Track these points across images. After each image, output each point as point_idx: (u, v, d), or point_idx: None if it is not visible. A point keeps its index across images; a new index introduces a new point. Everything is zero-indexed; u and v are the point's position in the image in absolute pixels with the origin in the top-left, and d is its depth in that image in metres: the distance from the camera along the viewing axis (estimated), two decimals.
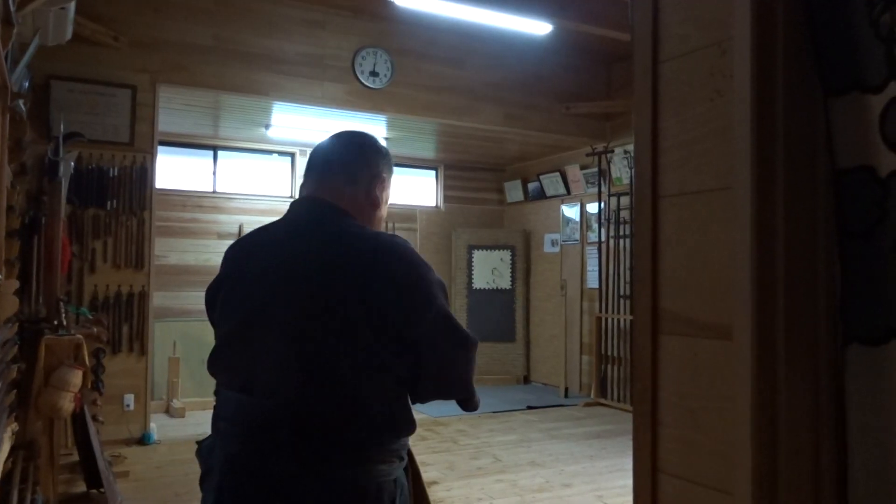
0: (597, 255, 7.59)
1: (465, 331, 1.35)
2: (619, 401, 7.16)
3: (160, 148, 5.96)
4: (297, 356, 1.26)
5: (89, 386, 3.90)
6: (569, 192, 8.19)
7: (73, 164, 4.83)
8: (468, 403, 1.43)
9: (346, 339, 1.25)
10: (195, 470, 1.44)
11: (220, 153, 7.77)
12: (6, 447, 2.78)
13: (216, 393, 1.42)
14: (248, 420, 1.29)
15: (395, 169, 1.55)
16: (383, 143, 1.97)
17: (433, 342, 1.30)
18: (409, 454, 1.44)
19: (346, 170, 1.44)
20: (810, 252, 0.97)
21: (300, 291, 1.29)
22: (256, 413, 1.27)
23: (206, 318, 1.51)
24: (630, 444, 1.17)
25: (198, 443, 1.44)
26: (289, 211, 1.45)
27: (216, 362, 1.41)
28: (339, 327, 1.25)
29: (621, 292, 7.25)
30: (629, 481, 1.18)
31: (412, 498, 1.44)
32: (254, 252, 1.42)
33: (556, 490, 4.43)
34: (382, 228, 1.53)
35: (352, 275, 1.27)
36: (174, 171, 7.50)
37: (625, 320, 7.17)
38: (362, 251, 1.30)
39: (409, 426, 1.33)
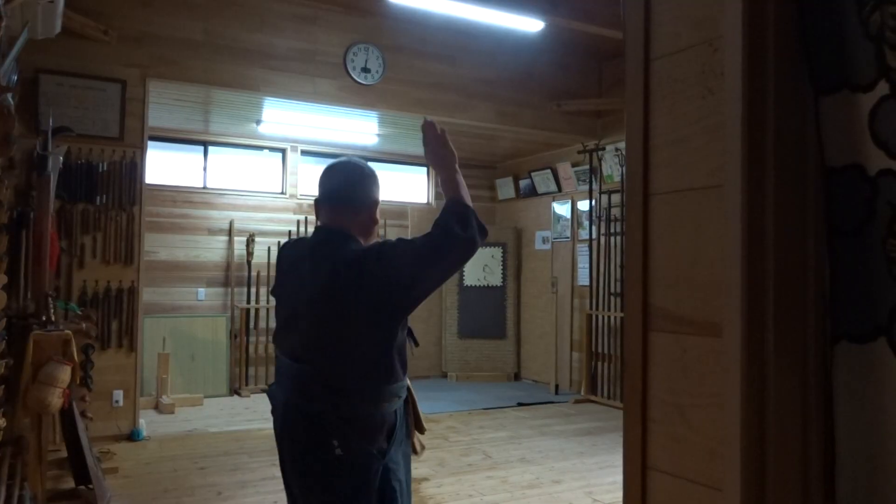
0: (587, 253, 7.60)
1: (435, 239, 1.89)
2: (609, 398, 7.19)
3: (150, 143, 5.93)
4: (319, 338, 1.89)
5: (78, 382, 3.88)
6: (560, 190, 8.20)
7: (61, 158, 4.80)
8: (464, 223, 1.90)
9: (349, 326, 1.85)
10: (184, 466, 1.53)
11: (211, 149, 7.74)
12: None
13: (277, 357, 2.07)
14: (296, 378, 1.93)
15: (387, 166, 2.18)
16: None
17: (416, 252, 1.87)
18: (409, 389, 2.06)
19: (351, 204, 2.00)
20: (800, 250, 0.98)
21: (318, 298, 1.89)
22: (300, 374, 1.92)
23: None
24: (620, 440, 1.18)
25: (269, 385, 2.08)
26: (314, 234, 2.05)
27: (277, 339, 2.05)
28: (343, 319, 1.85)
29: (612, 289, 7.27)
30: (619, 477, 1.19)
31: (410, 419, 2.11)
32: (296, 263, 2.02)
33: (546, 486, 4.44)
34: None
35: (348, 284, 1.85)
36: (164, 166, 7.46)
37: (615, 317, 7.19)
38: (355, 264, 1.87)
39: (400, 377, 1.95)
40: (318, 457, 1.88)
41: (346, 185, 2.01)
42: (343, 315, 1.85)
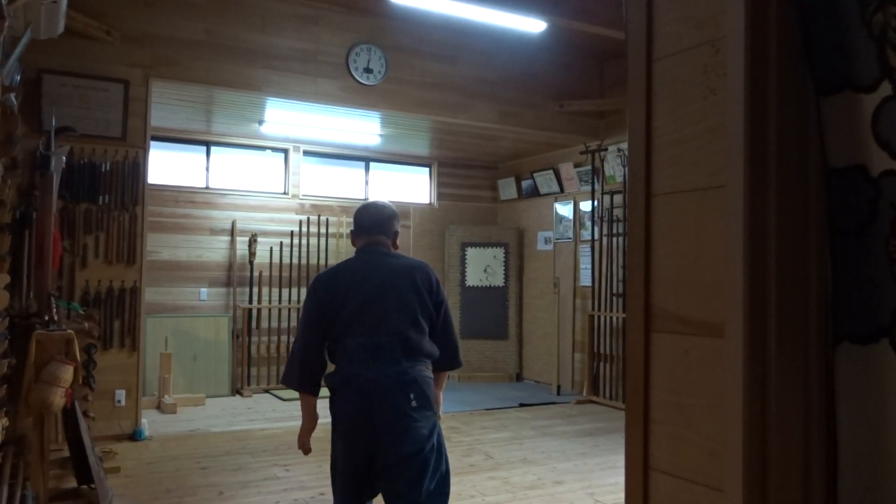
0: (590, 253, 7.60)
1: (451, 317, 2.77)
2: (611, 398, 7.18)
3: (153, 143, 5.94)
4: (401, 316, 2.54)
5: (80, 381, 3.88)
6: (562, 190, 8.19)
7: (64, 158, 4.81)
8: (455, 360, 2.74)
9: (420, 306, 2.59)
10: (186, 466, 1.54)
11: (213, 149, 7.74)
12: None
13: (336, 342, 2.58)
14: (376, 349, 2.50)
15: (389, 166, 2.24)
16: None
17: (445, 315, 2.69)
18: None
19: (383, 231, 2.71)
20: (802, 251, 0.98)
21: (398, 287, 2.58)
22: (381, 345, 2.50)
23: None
24: (622, 441, 1.18)
25: (327, 377, 2.60)
26: (358, 253, 2.72)
27: (353, 326, 2.55)
28: (416, 301, 2.58)
29: (614, 290, 7.27)
30: (621, 478, 1.19)
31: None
32: (351, 274, 2.64)
33: (548, 487, 4.44)
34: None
35: (406, 278, 2.60)
36: (167, 166, 7.47)
37: (617, 318, 7.18)
38: (407, 266, 2.66)
39: (435, 350, 2.64)
40: (398, 408, 2.44)
41: (380, 219, 2.72)
42: (414, 298, 2.56)
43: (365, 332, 2.52)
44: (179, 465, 4.73)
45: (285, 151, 8.04)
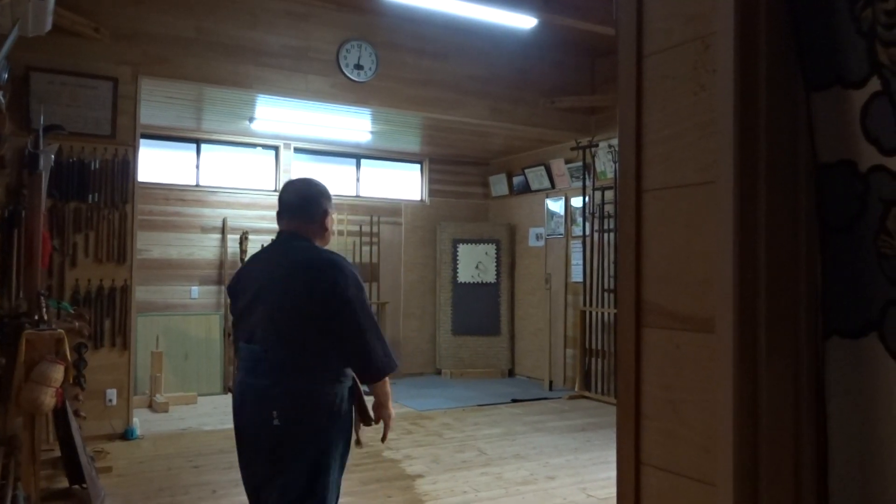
0: (581, 249, 7.61)
1: (372, 320, 2.29)
2: (602, 394, 7.20)
3: (142, 141, 5.91)
4: (272, 323, 2.24)
5: (71, 381, 3.87)
6: (553, 186, 8.20)
7: (53, 156, 4.78)
8: (371, 367, 2.27)
9: (298, 314, 2.22)
10: (178, 465, 1.57)
11: (204, 146, 7.71)
12: None
13: (235, 343, 2.45)
14: (249, 358, 2.28)
15: (380, 163, 2.25)
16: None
17: (347, 320, 2.23)
18: (355, 380, 2.35)
19: (304, 214, 2.39)
20: (792, 246, 0.98)
21: (276, 288, 2.27)
22: (252, 354, 2.27)
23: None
24: (614, 436, 1.18)
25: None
26: (276, 237, 2.43)
27: (236, 326, 2.41)
28: (294, 308, 2.22)
29: (605, 286, 7.29)
30: (613, 473, 1.19)
31: (355, 408, 2.37)
32: (255, 263, 2.45)
33: (540, 483, 4.45)
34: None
35: (303, 278, 2.25)
36: (157, 164, 7.43)
37: (609, 314, 7.20)
38: (311, 263, 2.28)
39: (338, 363, 2.28)
40: (260, 426, 2.22)
41: (299, 200, 2.41)
42: (293, 305, 2.22)
43: (245, 337, 2.32)
44: (172, 463, 4.71)
45: (276, 149, 8.02)
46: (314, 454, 2.22)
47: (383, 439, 2.44)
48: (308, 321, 2.21)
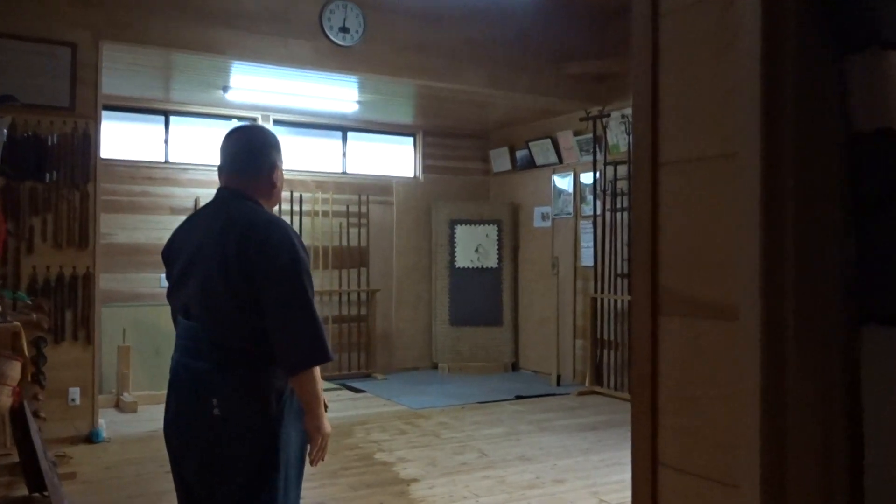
0: (592, 230, 7.62)
1: (306, 295, 2.10)
2: (616, 389, 7.24)
3: (105, 113, 5.88)
4: (205, 295, 2.13)
5: (29, 379, 3.87)
6: (561, 161, 8.19)
7: (5, 131, 4.76)
8: (298, 355, 2.09)
9: (228, 286, 2.09)
10: (148, 470, 1.57)
11: (173, 119, 7.68)
12: None
13: (173, 317, 2.30)
14: (185, 335, 2.20)
15: (369, 136, 2.44)
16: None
17: (272, 288, 2.07)
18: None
19: (248, 168, 2.26)
20: (823, 223, 0.98)
21: (207, 255, 2.14)
22: (189, 331, 2.18)
23: (159, 304, 2.55)
24: (628, 435, 1.19)
25: None
26: (215, 195, 2.30)
27: (170, 296, 2.31)
28: (224, 279, 2.09)
29: (618, 270, 7.30)
30: (627, 476, 1.20)
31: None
32: (189, 226, 2.31)
33: (547, 486, 4.48)
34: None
35: (236, 241, 2.08)
36: (121, 139, 7.41)
37: (622, 301, 7.22)
38: (248, 224, 2.12)
39: (261, 344, 2.10)
40: (196, 416, 2.12)
41: (242, 152, 2.29)
42: (227, 274, 2.08)
43: (181, 311, 2.21)
44: (142, 469, 4.73)
45: (254, 121, 8.00)
46: (260, 455, 2.09)
47: (312, 461, 2.19)
48: (244, 293, 2.07)
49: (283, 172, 2.36)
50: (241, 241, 2.08)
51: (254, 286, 2.07)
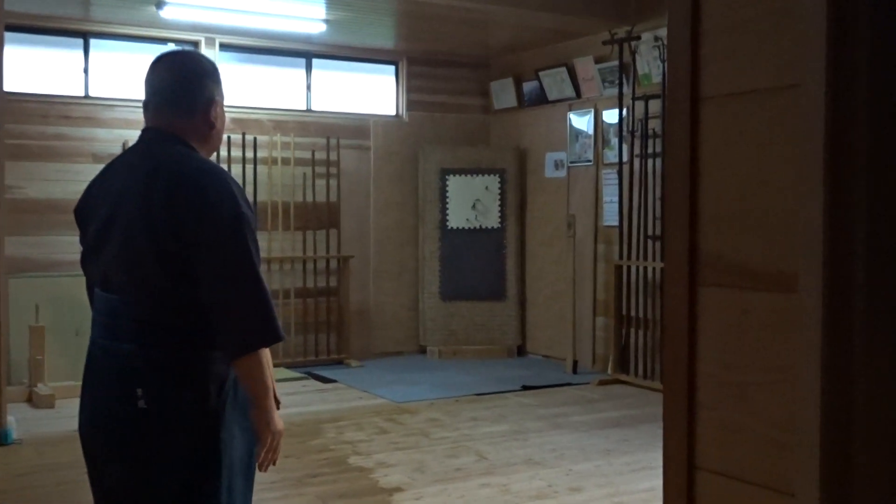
0: (616, 182, 7.61)
1: (251, 261, 2.08)
2: (644, 377, 7.29)
3: (8, 35, 5.82)
4: (126, 262, 2.10)
5: None
6: (579, 96, 8.16)
7: None
8: (242, 334, 2.06)
9: (155, 250, 2.05)
10: (71, 478, 1.60)
11: (94, 42, 7.60)
12: None
13: (88, 290, 2.34)
14: (103, 311, 2.18)
15: (340, 64, 2.46)
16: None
17: (211, 252, 2.05)
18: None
19: (179, 103, 2.22)
20: None
21: (129, 212, 2.09)
22: (108, 305, 2.15)
23: (81, 273, 2.39)
24: (659, 433, 1.20)
25: None
26: (138, 140, 2.29)
27: (85, 265, 2.31)
28: (150, 241, 2.05)
29: (649, 231, 7.31)
30: (658, 482, 1.21)
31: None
32: (107, 177, 2.29)
33: (561, 496, 4.52)
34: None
35: (164, 194, 2.05)
36: (30, 68, 7.34)
37: (653, 269, 7.24)
38: (177, 172, 2.10)
39: (194, 321, 2.09)
40: (117, 411, 2.11)
41: (170, 82, 2.26)
42: (153, 236, 2.05)
43: (98, 281, 2.21)
44: (63, 476, 4.75)
45: (194, 45, 7.92)
46: (196, 458, 2.08)
47: (261, 465, 2.18)
48: (174, 258, 2.05)
49: (226, 109, 2.35)
50: (169, 195, 2.04)
51: (186, 249, 2.04)
